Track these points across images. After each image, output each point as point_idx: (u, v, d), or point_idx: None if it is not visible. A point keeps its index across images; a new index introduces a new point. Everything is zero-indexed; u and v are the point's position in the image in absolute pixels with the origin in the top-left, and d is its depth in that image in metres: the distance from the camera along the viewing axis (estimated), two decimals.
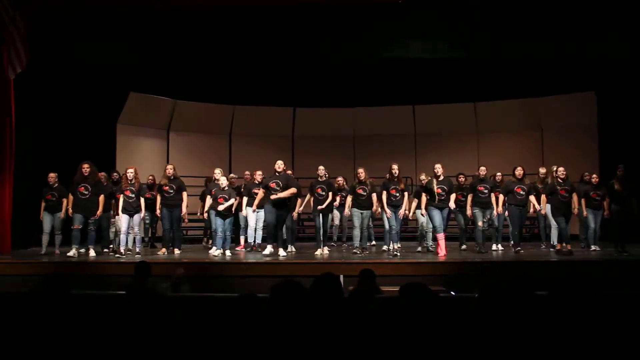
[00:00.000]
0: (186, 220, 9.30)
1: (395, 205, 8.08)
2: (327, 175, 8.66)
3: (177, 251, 8.57)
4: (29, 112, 9.66)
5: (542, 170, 9.17)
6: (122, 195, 8.27)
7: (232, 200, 8.42)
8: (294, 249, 8.79)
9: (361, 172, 8.23)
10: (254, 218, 8.96)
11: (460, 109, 12.78)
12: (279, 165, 8.02)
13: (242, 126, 13.14)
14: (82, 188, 8.09)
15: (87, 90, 10.61)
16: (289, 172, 9.01)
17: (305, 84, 12.23)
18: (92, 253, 8.15)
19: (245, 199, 8.72)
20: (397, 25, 9.47)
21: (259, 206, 8.51)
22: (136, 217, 8.31)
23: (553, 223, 8.65)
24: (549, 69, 11.18)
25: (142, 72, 11.05)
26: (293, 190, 7.96)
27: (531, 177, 9.06)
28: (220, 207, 8.31)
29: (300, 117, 13.26)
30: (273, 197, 7.77)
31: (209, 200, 8.62)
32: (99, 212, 8.15)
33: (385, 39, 9.76)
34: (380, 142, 12.68)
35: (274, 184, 7.88)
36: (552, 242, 8.81)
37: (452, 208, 8.07)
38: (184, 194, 8.61)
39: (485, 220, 8.46)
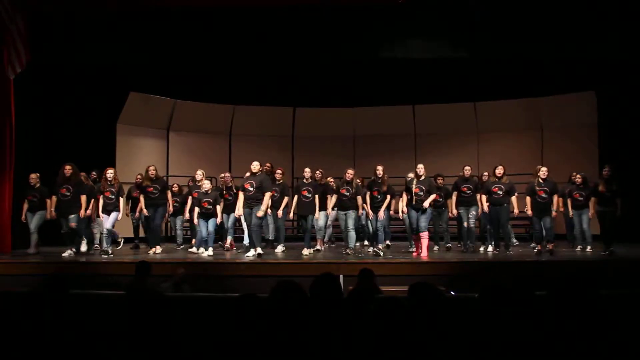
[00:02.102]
0: (167, 219, 9.75)
1: (376, 207, 8.15)
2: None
3: (152, 250, 8.59)
4: (29, 112, 9.65)
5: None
6: (102, 197, 8.31)
7: (218, 208, 8.63)
8: (284, 249, 8.78)
9: (349, 173, 8.16)
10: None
11: (461, 109, 12.77)
12: (255, 166, 7.99)
13: (242, 126, 13.13)
14: (64, 190, 8.12)
15: (87, 90, 10.60)
16: (279, 171, 9.06)
17: (305, 84, 12.20)
18: (65, 254, 8.06)
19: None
20: (397, 25, 9.46)
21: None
22: (113, 215, 8.30)
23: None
24: (549, 69, 11.17)
25: (142, 72, 11.03)
26: (268, 195, 7.92)
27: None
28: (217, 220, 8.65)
29: (300, 117, 13.25)
30: (259, 214, 7.77)
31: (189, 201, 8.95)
32: (82, 211, 8.13)
33: (385, 39, 9.73)
34: (380, 142, 12.66)
35: (248, 184, 7.87)
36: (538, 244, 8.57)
37: (424, 208, 7.93)
38: (169, 193, 8.82)
39: (470, 217, 8.47)
